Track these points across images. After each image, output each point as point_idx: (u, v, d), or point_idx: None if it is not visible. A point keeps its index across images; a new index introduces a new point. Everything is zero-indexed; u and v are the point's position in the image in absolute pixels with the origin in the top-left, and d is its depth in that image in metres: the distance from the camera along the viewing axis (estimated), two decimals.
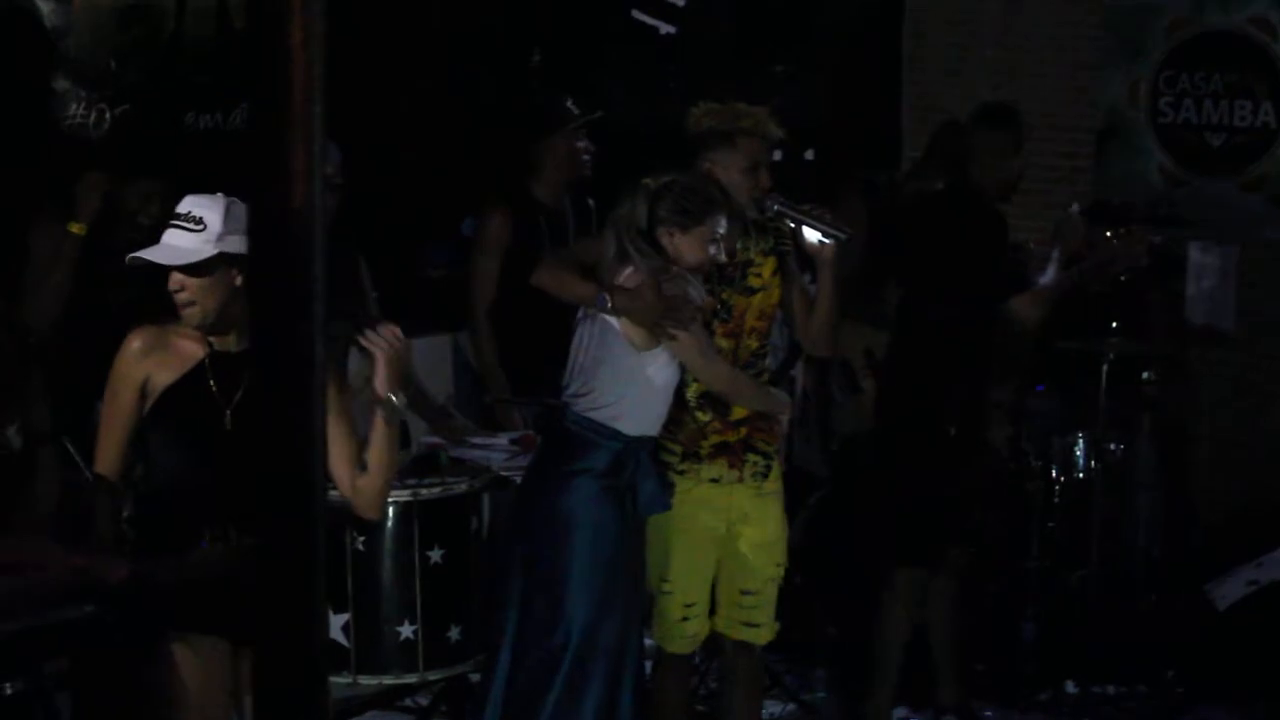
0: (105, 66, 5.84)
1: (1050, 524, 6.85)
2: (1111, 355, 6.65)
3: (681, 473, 5.21)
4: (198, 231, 4.20)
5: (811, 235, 5.22)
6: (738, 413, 5.23)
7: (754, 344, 5.28)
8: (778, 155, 5.39)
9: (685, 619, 5.26)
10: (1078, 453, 6.89)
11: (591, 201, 6.68)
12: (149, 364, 4.28)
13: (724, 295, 5.20)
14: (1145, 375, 7.12)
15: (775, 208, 5.20)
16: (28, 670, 3.78)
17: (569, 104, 6.51)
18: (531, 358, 6.26)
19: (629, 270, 4.92)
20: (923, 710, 6.33)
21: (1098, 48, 8.40)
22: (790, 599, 5.66)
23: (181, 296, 4.24)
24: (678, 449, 5.22)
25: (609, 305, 4.90)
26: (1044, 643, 6.70)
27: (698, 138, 5.20)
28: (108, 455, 4.31)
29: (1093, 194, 7.95)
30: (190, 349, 4.30)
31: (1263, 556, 6.77)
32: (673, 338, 4.93)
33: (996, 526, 6.57)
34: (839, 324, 5.53)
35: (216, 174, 4.24)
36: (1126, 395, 6.96)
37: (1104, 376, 6.65)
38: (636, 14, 7.06)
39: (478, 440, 6.00)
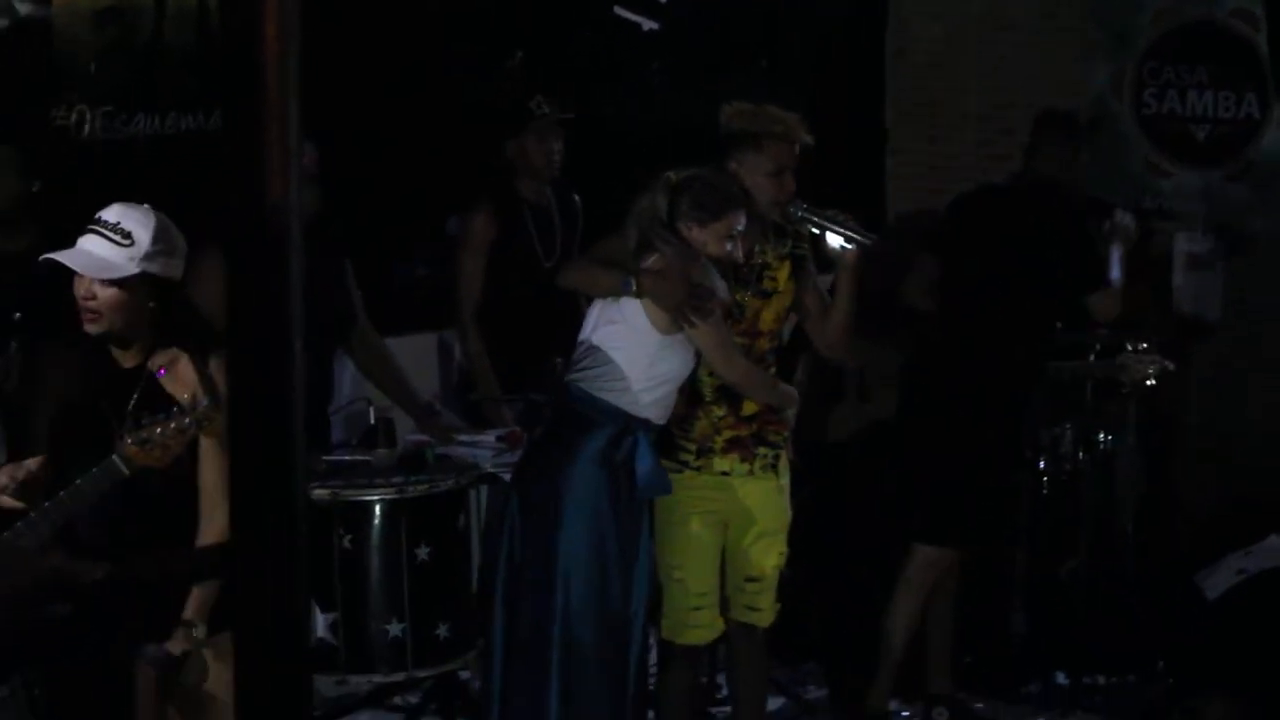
0: (85, 68, 5.82)
1: (1039, 515, 6.84)
2: (1098, 346, 6.66)
3: (698, 469, 5.24)
4: (124, 246, 4.04)
5: (834, 240, 5.24)
6: (749, 408, 5.26)
7: (766, 345, 5.32)
8: None
9: (697, 608, 5.28)
10: (1065, 444, 6.88)
11: (577, 197, 6.67)
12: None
13: (739, 297, 5.23)
14: None
15: (799, 213, 5.23)
16: (9, 672, 3.75)
17: (539, 102, 6.51)
18: (518, 355, 6.26)
19: (656, 255, 4.95)
20: (913, 702, 6.32)
21: (1082, 40, 8.40)
22: (782, 592, 5.67)
23: (89, 305, 4.09)
24: (692, 445, 5.25)
25: (633, 288, 4.92)
26: (1033, 634, 6.70)
27: (725, 138, 5.23)
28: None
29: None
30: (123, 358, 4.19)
31: (1252, 545, 6.77)
32: (693, 323, 4.94)
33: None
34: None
35: (199, 177, 4.18)
36: (1114, 386, 6.96)
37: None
38: (619, 10, 7.05)
39: (464, 438, 6.00)
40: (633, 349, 4.99)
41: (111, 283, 4.07)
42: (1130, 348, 6.52)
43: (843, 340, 5.46)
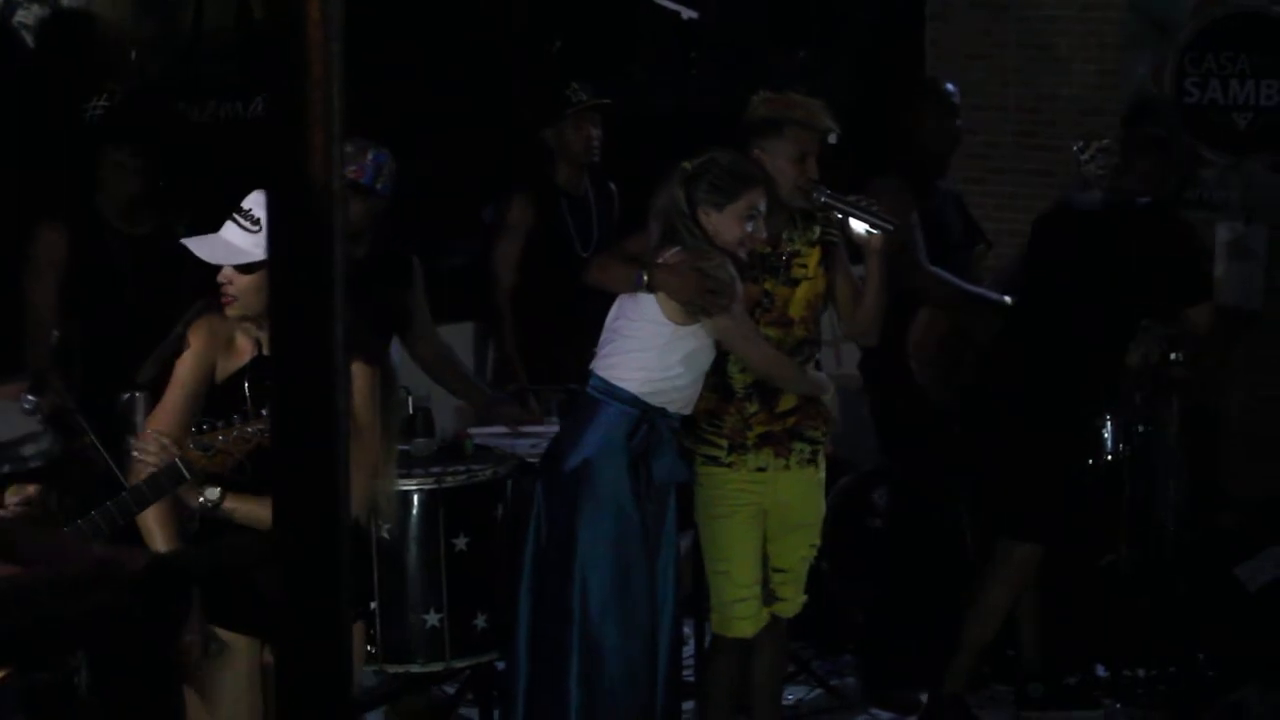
0: (125, 56, 5.82)
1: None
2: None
3: (730, 465, 5.26)
4: (254, 232, 4.12)
5: (859, 226, 5.24)
6: (785, 403, 5.26)
7: (801, 333, 5.31)
8: None
9: (742, 600, 5.31)
10: (1106, 436, 6.84)
11: (613, 185, 6.66)
12: (219, 349, 4.27)
13: (767, 285, 5.22)
14: (1173, 357, 7.06)
15: (822, 199, 5.23)
16: (51, 661, 3.76)
17: (575, 89, 6.50)
18: (554, 344, 6.25)
19: (671, 250, 4.96)
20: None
21: (1123, 29, 8.35)
22: (818, 585, 5.67)
23: (227, 289, 4.22)
24: (723, 442, 5.25)
25: (645, 282, 4.92)
26: (1074, 626, 6.66)
27: (749, 125, 5.23)
28: (165, 423, 4.17)
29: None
30: (245, 347, 4.29)
31: None
32: (709, 316, 4.93)
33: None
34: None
35: (235, 164, 4.17)
36: (1154, 378, 6.92)
37: None
38: None
39: (530, 428, 5.96)
40: (648, 339, 5.01)
41: (245, 268, 4.15)
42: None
43: (873, 327, 5.47)
